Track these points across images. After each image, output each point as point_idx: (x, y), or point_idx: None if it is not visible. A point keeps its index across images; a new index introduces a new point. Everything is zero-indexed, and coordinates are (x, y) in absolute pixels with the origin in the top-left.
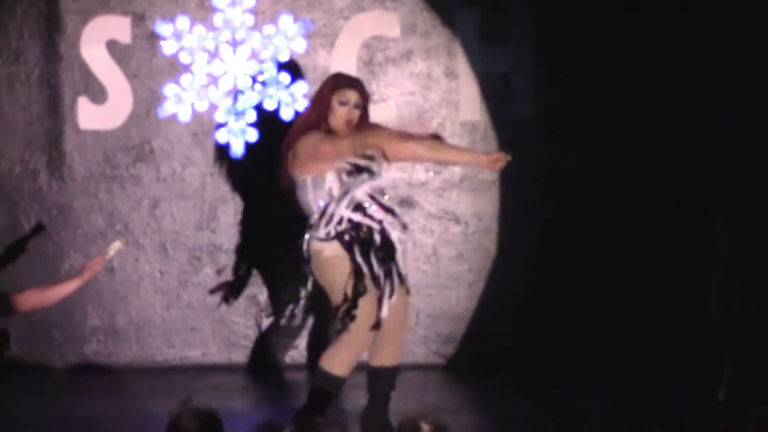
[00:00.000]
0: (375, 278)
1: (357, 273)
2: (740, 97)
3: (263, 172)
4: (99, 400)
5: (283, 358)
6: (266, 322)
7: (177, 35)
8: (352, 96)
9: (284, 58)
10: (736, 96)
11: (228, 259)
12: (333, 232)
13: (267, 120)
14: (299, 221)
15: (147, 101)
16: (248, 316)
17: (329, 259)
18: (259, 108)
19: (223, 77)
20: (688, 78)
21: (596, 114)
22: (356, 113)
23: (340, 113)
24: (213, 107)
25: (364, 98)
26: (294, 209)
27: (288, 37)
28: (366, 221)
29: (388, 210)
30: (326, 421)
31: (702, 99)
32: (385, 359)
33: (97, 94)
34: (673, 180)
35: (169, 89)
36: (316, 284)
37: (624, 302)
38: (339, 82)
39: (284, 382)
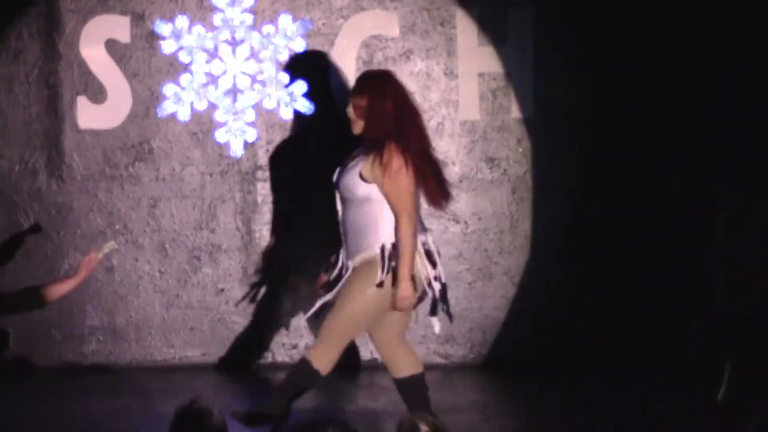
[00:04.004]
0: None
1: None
2: (740, 96)
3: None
4: (98, 399)
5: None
6: (266, 322)
7: (176, 35)
8: None
9: (283, 57)
10: (736, 96)
11: (228, 258)
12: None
13: (266, 119)
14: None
15: (146, 101)
16: (248, 315)
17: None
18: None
19: (223, 77)
20: (689, 77)
21: (595, 114)
22: None
23: None
24: (212, 107)
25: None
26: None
27: (287, 36)
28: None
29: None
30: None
31: (702, 98)
32: (413, 368)
33: (97, 93)
34: (673, 179)
35: (169, 89)
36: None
37: (623, 302)
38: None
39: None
